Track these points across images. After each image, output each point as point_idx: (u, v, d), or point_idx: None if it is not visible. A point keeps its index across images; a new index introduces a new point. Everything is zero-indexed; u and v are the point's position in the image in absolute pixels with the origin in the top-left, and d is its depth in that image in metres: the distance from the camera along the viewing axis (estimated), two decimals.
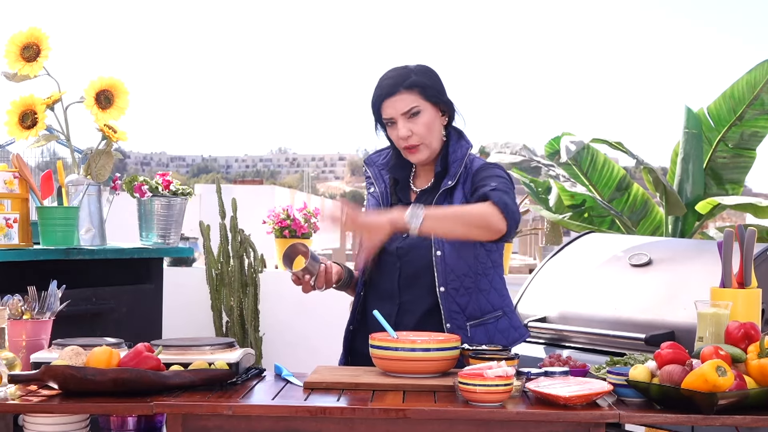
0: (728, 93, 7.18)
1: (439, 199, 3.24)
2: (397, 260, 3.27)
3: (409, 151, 3.24)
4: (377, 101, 3.24)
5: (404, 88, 3.20)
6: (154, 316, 4.46)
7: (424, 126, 3.21)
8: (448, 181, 3.25)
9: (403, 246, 3.26)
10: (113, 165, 4.24)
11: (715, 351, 2.56)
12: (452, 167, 3.27)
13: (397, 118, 3.21)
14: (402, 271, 3.26)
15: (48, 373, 2.64)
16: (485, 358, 2.85)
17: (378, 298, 3.30)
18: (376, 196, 3.36)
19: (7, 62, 4.08)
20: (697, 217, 7.18)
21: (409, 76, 3.22)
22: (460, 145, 3.31)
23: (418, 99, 3.21)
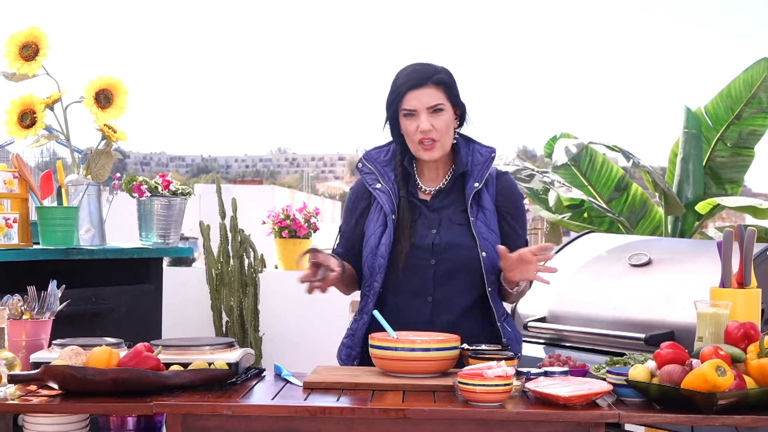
0: (725, 92, 7.18)
1: (472, 203, 3.29)
2: (431, 257, 3.26)
3: (425, 147, 3.24)
4: (401, 90, 3.24)
5: (432, 82, 3.23)
6: (153, 316, 4.45)
7: (444, 124, 3.24)
8: (475, 183, 3.29)
9: (439, 243, 3.26)
10: (113, 165, 4.24)
11: (714, 351, 2.56)
12: (475, 169, 3.32)
13: (420, 111, 3.22)
14: (437, 267, 3.24)
15: (48, 373, 2.64)
16: (485, 358, 2.85)
17: (405, 294, 3.27)
18: (385, 191, 3.33)
19: (6, 62, 4.08)
20: (696, 217, 7.18)
21: (436, 72, 3.25)
22: (477, 150, 3.36)
23: (443, 97, 3.24)
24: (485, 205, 3.30)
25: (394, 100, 3.26)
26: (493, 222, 3.30)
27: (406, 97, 3.23)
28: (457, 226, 3.28)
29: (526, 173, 6.83)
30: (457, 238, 3.26)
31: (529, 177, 6.80)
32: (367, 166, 3.41)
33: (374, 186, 3.36)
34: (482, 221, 3.28)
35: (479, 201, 3.30)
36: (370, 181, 3.38)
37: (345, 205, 3.51)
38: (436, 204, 3.32)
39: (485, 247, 3.25)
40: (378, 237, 3.29)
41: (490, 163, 3.34)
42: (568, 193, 6.76)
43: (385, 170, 3.37)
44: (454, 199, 3.32)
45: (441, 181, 3.35)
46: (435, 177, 3.36)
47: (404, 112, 3.24)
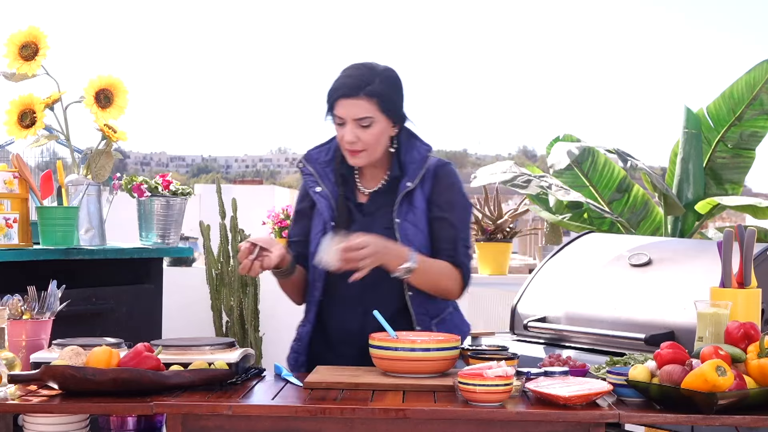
0: (727, 93, 7.17)
1: (402, 203, 3.22)
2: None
3: (350, 153, 3.19)
4: (333, 96, 3.16)
5: (364, 94, 3.12)
6: (153, 316, 4.45)
7: (373, 137, 3.16)
8: (407, 182, 3.23)
9: None
10: (113, 165, 4.24)
11: (714, 351, 2.56)
12: (409, 168, 3.24)
13: (347, 122, 3.14)
14: (364, 277, 3.15)
15: (48, 373, 2.64)
16: (485, 358, 2.85)
17: (338, 304, 3.25)
18: (325, 195, 3.26)
19: (6, 61, 4.08)
20: (696, 218, 7.17)
21: (372, 81, 3.14)
22: (416, 147, 3.28)
23: (374, 110, 3.14)
24: (416, 204, 3.23)
25: (327, 104, 3.19)
26: (422, 220, 3.24)
27: (336, 105, 3.15)
28: (384, 230, 3.20)
29: (522, 179, 6.83)
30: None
31: (525, 183, 6.79)
32: (308, 168, 3.32)
33: (314, 189, 3.28)
34: (410, 221, 3.22)
35: (411, 200, 3.23)
36: (311, 184, 3.30)
37: (294, 210, 3.43)
38: (371, 207, 3.27)
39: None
40: (317, 243, 3.21)
41: (424, 162, 3.25)
42: (566, 197, 6.76)
43: (325, 171, 3.29)
44: (386, 200, 3.26)
45: (379, 182, 3.30)
46: (375, 177, 3.30)
47: (335, 118, 3.18)
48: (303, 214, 3.36)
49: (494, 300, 6.53)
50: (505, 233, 7.00)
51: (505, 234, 7.01)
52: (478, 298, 6.59)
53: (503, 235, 6.99)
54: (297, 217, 3.39)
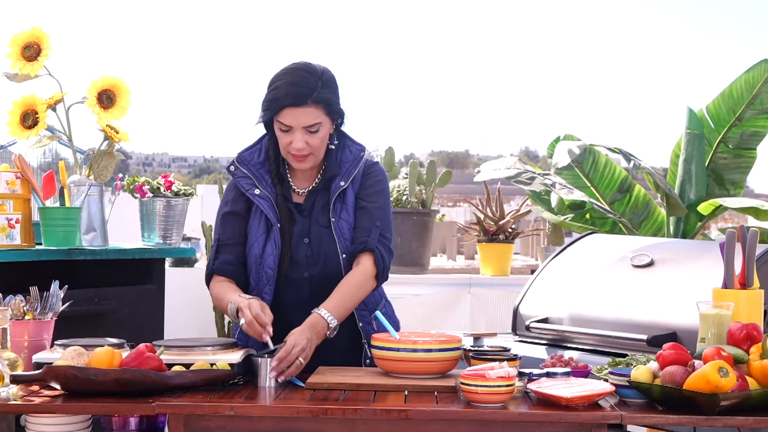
0: (727, 92, 7.16)
1: (336, 202, 3.24)
2: (305, 269, 3.22)
3: (297, 159, 3.18)
4: (278, 105, 3.12)
5: (312, 101, 3.12)
6: (156, 316, 4.45)
7: (320, 140, 3.18)
8: (341, 182, 3.25)
9: (311, 255, 3.23)
10: (115, 165, 4.24)
11: (717, 352, 2.56)
12: (343, 167, 3.26)
13: (296, 129, 3.13)
14: (311, 278, 3.20)
15: (50, 373, 2.64)
16: (487, 358, 2.85)
17: (289, 306, 3.22)
18: (264, 197, 3.23)
19: (8, 62, 4.08)
20: (698, 218, 7.17)
21: (316, 86, 3.13)
22: (347, 147, 3.30)
23: (321, 115, 3.15)
24: (348, 201, 3.26)
25: (269, 110, 3.15)
26: (353, 216, 3.27)
27: (282, 113, 3.12)
28: (323, 229, 3.23)
29: (526, 176, 6.82)
30: (325, 245, 3.22)
31: (529, 180, 6.78)
32: (241, 170, 3.28)
33: (252, 192, 3.24)
34: (345, 219, 3.24)
35: (344, 198, 3.26)
36: (247, 186, 3.25)
37: (220, 213, 3.35)
38: (307, 206, 3.27)
39: (345, 248, 3.22)
40: (261, 246, 3.21)
41: (358, 162, 3.28)
42: (569, 195, 6.75)
43: (260, 173, 3.26)
44: (320, 198, 3.27)
45: (313, 181, 3.30)
46: (307, 177, 3.30)
47: (280, 125, 3.15)
48: (236, 215, 3.30)
49: (496, 301, 6.52)
50: (507, 234, 7.00)
51: (507, 235, 7.01)
52: (481, 299, 6.59)
53: (505, 235, 6.99)
54: (228, 219, 3.32)
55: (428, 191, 6.59)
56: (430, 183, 6.60)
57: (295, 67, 3.20)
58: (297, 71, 3.17)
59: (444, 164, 46.56)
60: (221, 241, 3.33)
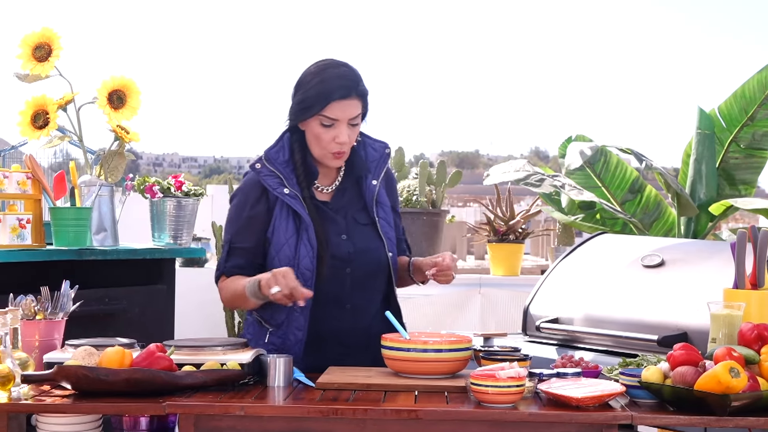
0: (739, 93, 7.15)
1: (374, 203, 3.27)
2: (347, 264, 3.21)
3: (336, 155, 3.18)
4: (326, 98, 3.10)
5: (356, 93, 3.14)
6: (166, 316, 4.46)
7: (356, 135, 3.21)
8: (373, 180, 3.27)
9: (353, 251, 3.22)
10: (126, 166, 4.25)
11: (728, 352, 2.55)
12: (371, 166, 3.29)
13: (342, 122, 3.13)
14: (353, 274, 3.20)
15: (61, 373, 2.65)
16: (497, 359, 2.85)
17: (324, 303, 3.19)
18: (293, 195, 3.18)
19: (19, 62, 4.09)
20: (709, 218, 7.15)
21: (359, 80, 3.16)
22: (369, 144, 3.32)
23: (360, 108, 3.17)
24: (382, 200, 3.30)
25: (313, 106, 3.12)
26: (390, 217, 3.31)
27: (329, 107, 3.10)
28: (363, 227, 3.25)
29: (536, 178, 6.81)
30: (368, 242, 3.24)
31: (539, 182, 6.78)
32: (269, 168, 3.22)
33: (281, 191, 3.18)
34: (384, 219, 3.28)
35: (378, 197, 3.28)
36: (275, 185, 3.19)
37: (235, 215, 3.28)
38: (337, 204, 3.27)
39: (391, 248, 3.26)
40: (293, 247, 3.16)
41: (386, 159, 3.31)
42: (579, 196, 6.74)
43: (287, 171, 3.21)
44: (352, 197, 3.28)
45: (335, 179, 3.29)
46: (329, 175, 3.29)
47: (323, 120, 3.13)
48: (256, 219, 3.23)
49: (506, 301, 6.52)
50: (517, 234, 6.99)
51: (518, 235, 7.00)
52: (491, 299, 6.58)
53: (515, 236, 6.98)
54: (246, 223, 3.24)
55: (438, 191, 6.58)
56: (440, 183, 6.60)
57: (332, 63, 3.20)
58: (337, 66, 3.18)
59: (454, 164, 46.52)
60: (234, 243, 3.26)
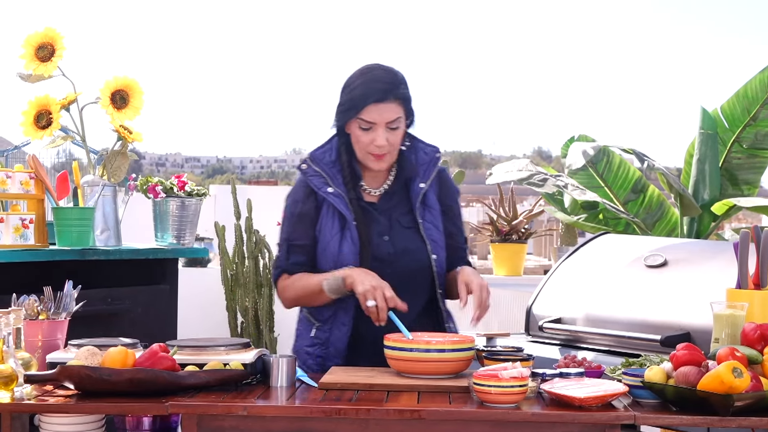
0: (741, 92, 7.14)
1: (419, 205, 3.27)
2: (387, 266, 3.21)
3: (376, 158, 3.20)
4: (362, 101, 3.15)
5: (394, 97, 3.15)
6: (169, 316, 4.46)
7: (399, 139, 3.21)
8: (420, 183, 3.27)
9: (393, 251, 3.23)
10: (128, 166, 4.25)
11: (731, 352, 2.55)
12: (420, 169, 3.29)
13: (379, 126, 3.15)
14: (393, 275, 3.19)
15: (64, 373, 2.65)
16: (500, 359, 2.85)
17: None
18: (338, 195, 3.22)
19: (22, 62, 4.09)
20: (712, 218, 7.15)
21: (399, 84, 3.18)
22: (421, 148, 3.32)
23: (401, 111, 3.18)
24: (431, 204, 3.29)
25: (351, 109, 3.17)
26: (439, 221, 3.30)
27: (366, 110, 3.14)
28: (406, 229, 3.26)
29: (538, 178, 6.82)
30: (409, 243, 3.24)
31: (542, 182, 6.78)
32: (314, 168, 3.28)
33: (325, 190, 3.24)
34: (430, 222, 3.27)
35: (425, 201, 3.28)
36: (320, 185, 3.25)
37: (288, 213, 3.33)
38: (384, 206, 3.28)
39: (435, 250, 3.26)
40: (337, 245, 3.21)
41: (436, 162, 3.31)
42: (582, 196, 6.75)
43: (332, 172, 3.26)
44: (400, 199, 3.29)
45: (384, 182, 3.31)
46: (379, 177, 3.30)
47: (361, 123, 3.16)
48: (306, 216, 3.29)
49: (509, 301, 6.52)
50: (520, 234, 7.00)
51: (520, 235, 7.00)
52: (493, 299, 6.57)
53: (518, 236, 6.98)
54: (300, 220, 3.30)
55: None
56: None
57: (373, 67, 3.24)
58: (376, 70, 3.22)
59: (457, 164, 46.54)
60: (291, 241, 3.31)
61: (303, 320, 3.40)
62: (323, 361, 3.28)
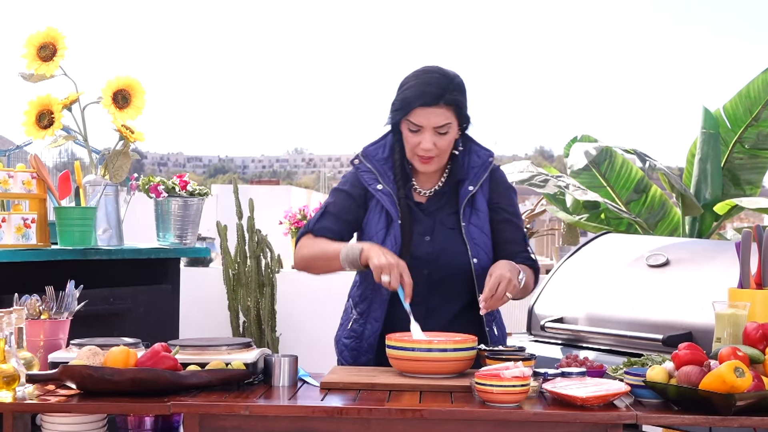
0: (744, 92, 7.15)
1: (466, 207, 3.26)
2: (425, 265, 3.22)
3: (422, 160, 3.20)
4: (411, 104, 3.15)
5: (444, 102, 3.13)
6: (171, 316, 4.46)
7: (448, 143, 3.19)
8: (469, 186, 3.26)
9: (432, 251, 3.23)
10: (130, 165, 4.25)
11: (733, 352, 2.55)
12: (471, 172, 3.28)
13: (426, 129, 3.15)
14: (431, 275, 3.21)
15: (66, 372, 2.65)
16: (502, 358, 2.85)
17: (398, 301, 3.19)
18: (387, 193, 3.25)
19: (24, 62, 4.09)
20: (714, 218, 7.15)
21: (449, 88, 3.15)
22: (475, 151, 3.31)
23: (451, 117, 3.16)
24: (479, 206, 3.28)
25: (400, 110, 3.18)
26: (486, 224, 3.28)
27: (414, 113, 3.14)
28: (449, 230, 3.25)
29: (540, 179, 6.82)
30: (449, 245, 3.23)
31: (543, 183, 6.79)
32: (365, 165, 3.31)
33: (374, 187, 3.27)
34: (475, 224, 3.26)
35: (473, 203, 3.27)
36: (370, 181, 3.28)
37: (337, 187, 3.38)
38: (431, 207, 3.29)
39: (476, 253, 3.24)
40: (381, 240, 3.22)
41: (488, 167, 3.30)
42: (583, 196, 6.75)
43: (383, 169, 3.28)
44: (447, 201, 3.29)
45: (436, 183, 3.31)
46: (431, 178, 3.31)
47: (410, 125, 3.17)
48: (350, 195, 3.32)
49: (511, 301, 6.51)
50: None
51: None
52: None
53: None
54: (345, 196, 3.33)
55: None
56: None
57: (427, 70, 3.22)
58: (429, 73, 3.19)
59: None
60: (328, 209, 3.34)
61: (347, 310, 3.43)
62: (357, 355, 3.30)
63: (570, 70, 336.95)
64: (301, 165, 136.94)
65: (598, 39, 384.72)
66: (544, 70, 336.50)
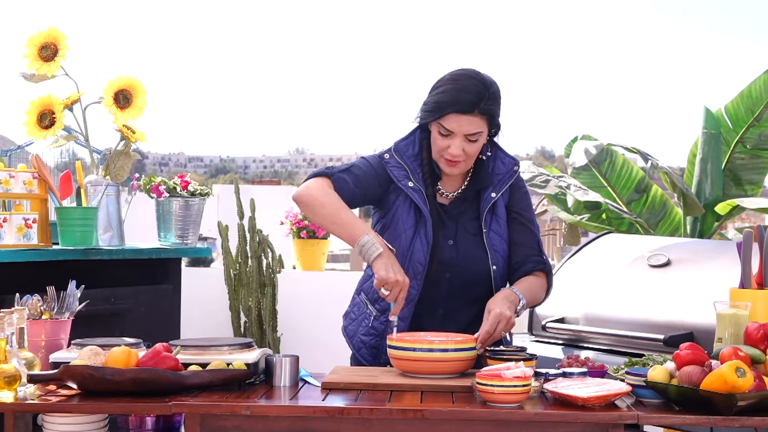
0: (746, 93, 7.15)
1: (487, 214, 3.24)
2: (448, 269, 3.21)
3: (449, 164, 3.17)
4: (444, 109, 3.10)
5: (479, 111, 3.09)
6: (172, 316, 4.46)
7: (476, 149, 3.16)
8: (492, 193, 3.24)
9: (455, 256, 3.21)
10: (132, 165, 4.25)
11: (734, 352, 2.55)
12: (495, 179, 3.26)
13: (457, 135, 3.11)
14: (452, 280, 3.20)
15: (67, 372, 2.65)
16: (503, 358, 2.84)
17: (419, 303, 3.21)
18: (417, 190, 3.21)
19: (25, 62, 4.09)
20: (715, 218, 7.15)
21: (485, 97, 3.09)
22: (500, 158, 3.29)
23: (484, 126, 3.12)
24: (499, 212, 3.27)
25: (432, 112, 3.14)
26: (505, 230, 3.27)
27: (446, 117, 3.09)
28: (471, 236, 3.24)
29: (541, 179, 6.82)
30: (471, 251, 3.22)
31: (544, 183, 6.79)
32: (396, 160, 3.25)
33: (405, 183, 3.22)
34: (495, 231, 3.25)
35: (494, 209, 3.26)
36: (400, 177, 3.23)
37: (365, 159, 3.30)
38: (453, 210, 3.27)
39: (496, 261, 3.23)
40: (409, 239, 3.19)
41: (512, 175, 3.28)
42: (584, 197, 6.75)
43: (413, 166, 3.24)
44: (469, 205, 3.27)
45: (460, 186, 3.29)
46: (454, 181, 3.29)
47: (440, 129, 3.13)
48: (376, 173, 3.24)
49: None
50: None
51: None
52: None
53: None
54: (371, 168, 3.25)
55: None
56: None
57: (465, 74, 3.16)
58: (468, 78, 3.13)
59: None
60: (353, 169, 3.26)
61: (360, 305, 3.38)
62: (377, 353, 3.27)
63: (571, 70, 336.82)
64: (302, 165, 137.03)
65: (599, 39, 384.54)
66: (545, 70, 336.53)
